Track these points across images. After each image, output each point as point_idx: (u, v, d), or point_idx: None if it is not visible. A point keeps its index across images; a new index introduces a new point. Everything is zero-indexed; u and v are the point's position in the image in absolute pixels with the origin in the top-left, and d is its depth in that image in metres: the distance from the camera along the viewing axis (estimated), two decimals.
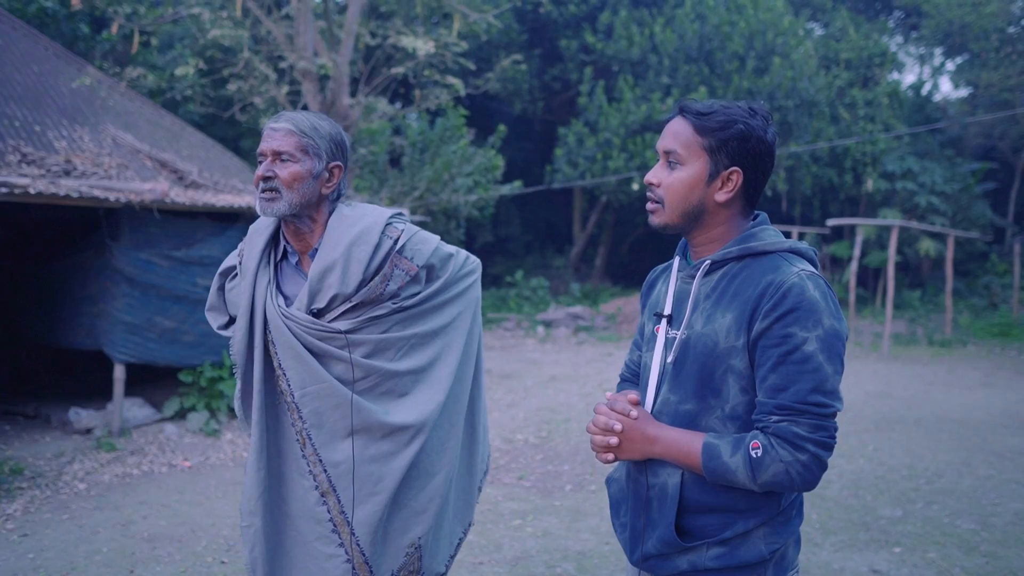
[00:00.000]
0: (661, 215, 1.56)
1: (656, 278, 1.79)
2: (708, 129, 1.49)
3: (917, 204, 18.43)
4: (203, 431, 6.83)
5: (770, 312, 1.42)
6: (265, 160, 1.88)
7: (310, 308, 1.88)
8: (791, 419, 1.40)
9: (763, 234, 1.55)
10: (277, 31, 11.07)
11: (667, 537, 1.53)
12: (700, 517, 1.52)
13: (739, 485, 1.44)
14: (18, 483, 5.32)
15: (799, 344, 1.40)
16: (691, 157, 1.51)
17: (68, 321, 7.39)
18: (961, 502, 4.97)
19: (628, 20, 18.14)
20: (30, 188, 5.80)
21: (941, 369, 10.84)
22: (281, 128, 1.87)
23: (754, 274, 1.49)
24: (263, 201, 1.88)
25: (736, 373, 1.48)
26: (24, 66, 8.79)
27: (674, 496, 1.52)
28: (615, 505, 1.72)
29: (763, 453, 1.40)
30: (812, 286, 1.44)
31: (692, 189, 1.52)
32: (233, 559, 4.08)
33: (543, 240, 23.45)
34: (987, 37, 19.57)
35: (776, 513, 1.51)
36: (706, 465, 1.43)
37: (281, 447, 1.97)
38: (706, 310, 1.52)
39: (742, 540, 1.50)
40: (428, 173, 14.77)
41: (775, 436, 1.41)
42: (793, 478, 1.41)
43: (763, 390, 1.44)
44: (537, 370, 10.32)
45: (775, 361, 1.42)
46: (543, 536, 4.38)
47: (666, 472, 1.54)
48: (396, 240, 1.95)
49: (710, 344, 1.50)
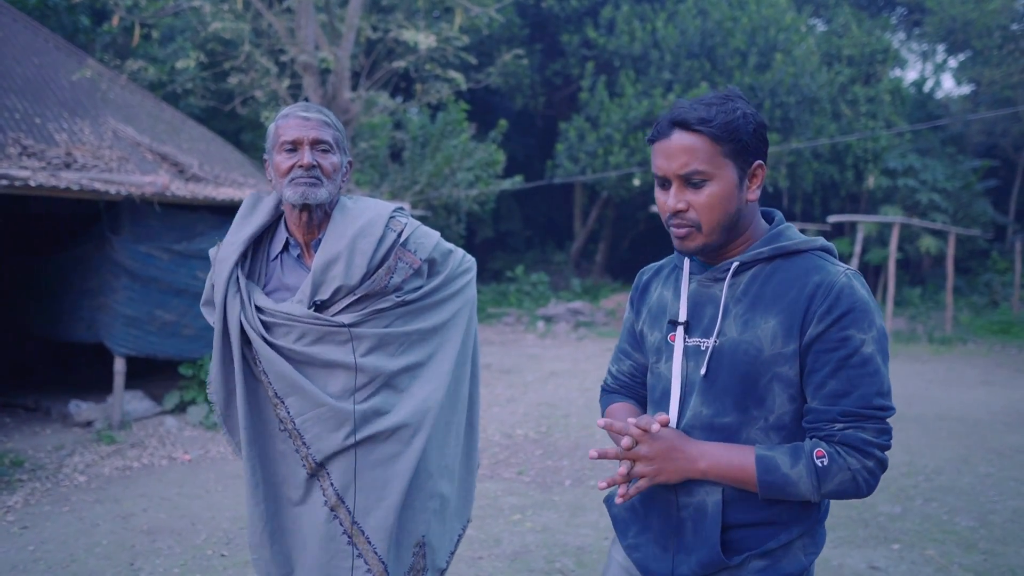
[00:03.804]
0: (697, 238, 1.43)
1: (650, 280, 1.67)
2: (723, 136, 1.39)
3: (918, 201, 18.42)
4: (203, 424, 6.83)
5: (825, 315, 1.35)
6: (301, 149, 1.85)
7: (312, 301, 1.87)
8: (857, 425, 1.34)
9: (789, 232, 1.48)
10: (278, 24, 11.05)
11: (711, 559, 1.43)
12: (740, 531, 1.44)
13: (797, 497, 1.36)
14: (18, 475, 5.33)
15: (858, 347, 1.34)
16: (717, 169, 1.39)
17: (68, 314, 7.39)
18: (960, 499, 4.97)
19: (630, 15, 18.10)
20: (30, 180, 5.80)
21: (941, 367, 10.84)
22: (315, 118, 1.86)
23: (792, 275, 1.41)
24: (305, 187, 1.84)
25: (784, 381, 1.40)
26: (24, 58, 8.77)
27: (715, 516, 1.43)
28: (622, 525, 1.62)
29: (830, 462, 1.33)
30: (859, 285, 1.39)
31: (729, 200, 1.41)
32: (233, 552, 4.09)
33: (544, 235, 23.45)
34: (990, 34, 19.54)
35: (815, 522, 1.47)
36: (762, 479, 1.34)
37: (280, 472, 1.93)
38: (740, 315, 1.43)
39: (784, 552, 1.44)
40: (429, 167, 14.76)
41: (842, 444, 1.34)
42: (860, 485, 1.36)
43: (821, 397, 1.37)
44: (537, 365, 10.32)
45: (834, 366, 1.35)
46: (542, 531, 4.39)
47: (703, 491, 1.44)
48: (400, 233, 1.95)
49: (752, 352, 1.40)
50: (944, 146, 20.39)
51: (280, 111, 1.93)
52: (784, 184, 18.25)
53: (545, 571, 3.84)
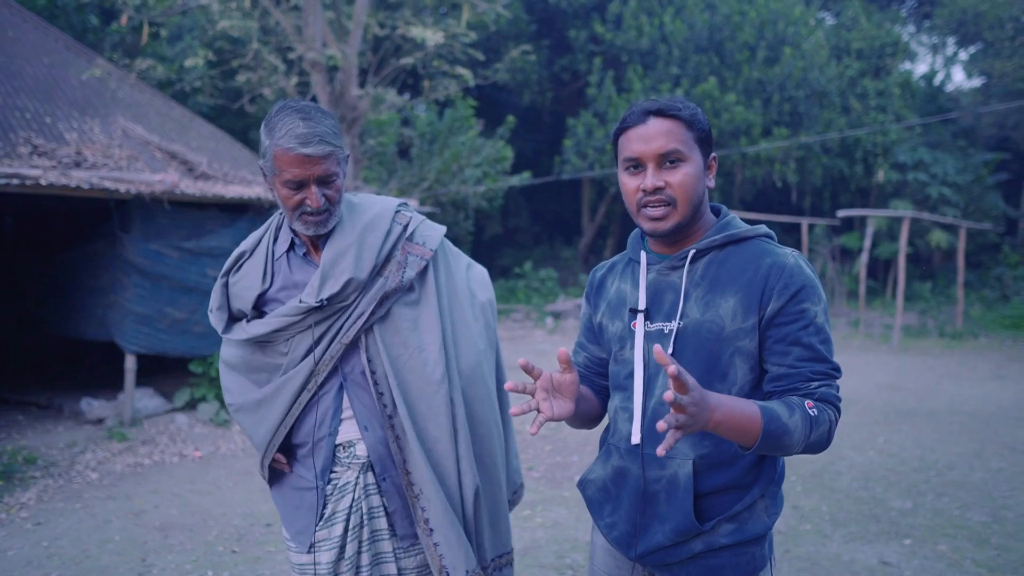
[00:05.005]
0: (674, 216, 1.55)
1: (604, 276, 1.79)
2: (693, 123, 1.55)
3: (929, 195, 18.30)
4: (213, 421, 6.87)
5: (783, 291, 1.51)
6: (308, 188, 1.76)
7: (320, 296, 1.86)
8: (827, 383, 1.50)
9: (736, 222, 1.63)
10: (286, 22, 11.07)
11: (684, 526, 1.55)
12: (709, 499, 1.56)
13: (785, 448, 1.45)
14: (32, 472, 5.37)
15: (813, 318, 1.51)
16: (690, 151, 1.55)
17: (80, 312, 7.43)
18: (972, 494, 4.95)
19: (637, 10, 18.03)
20: (41, 179, 5.83)
21: (952, 361, 10.78)
22: (317, 152, 1.73)
23: (744, 259, 1.56)
24: (314, 225, 1.81)
25: (744, 354, 1.53)
26: (34, 58, 8.82)
27: (687, 485, 1.55)
28: (596, 506, 1.73)
29: (818, 412, 1.46)
30: (805, 265, 1.55)
31: (699, 181, 1.57)
32: (244, 548, 4.11)
33: (552, 231, 23.44)
34: (1001, 26, 19.38)
35: (771, 483, 1.58)
36: (767, 428, 1.40)
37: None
38: (700, 298, 1.56)
39: (749, 513, 1.56)
40: (437, 164, 14.76)
41: (820, 400, 1.48)
42: (831, 435, 1.50)
43: (787, 362, 1.51)
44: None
45: (797, 334, 1.50)
46: (552, 527, 4.39)
47: (675, 463, 1.56)
48: (405, 227, 1.96)
49: (715, 329, 1.53)
50: (955, 139, 20.23)
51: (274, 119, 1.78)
52: (793, 179, 18.16)
53: (555, 567, 3.84)
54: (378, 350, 1.89)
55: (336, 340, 1.87)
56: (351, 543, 1.89)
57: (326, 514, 1.90)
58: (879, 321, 14.65)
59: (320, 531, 1.90)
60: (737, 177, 18.46)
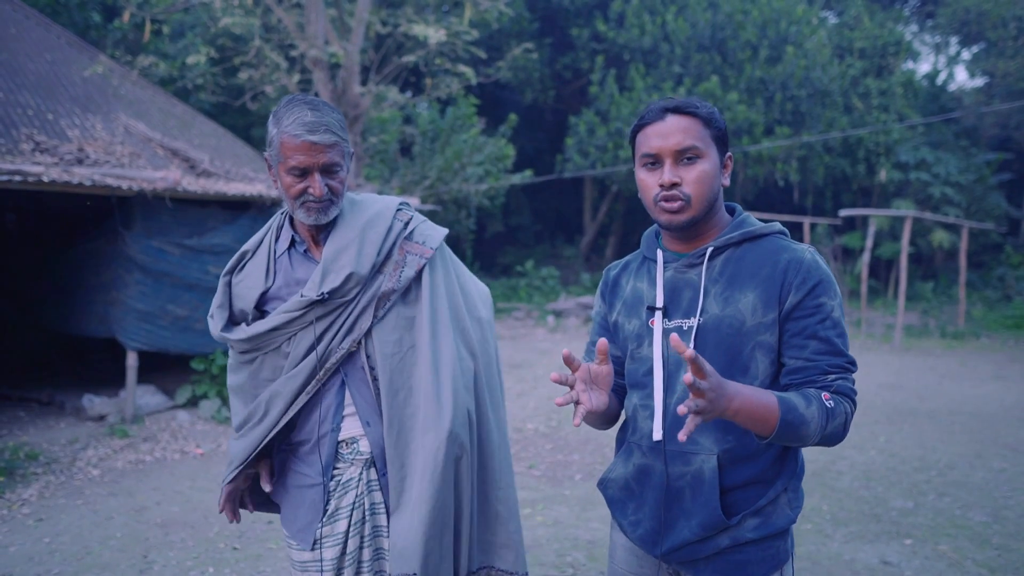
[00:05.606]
0: (688, 211, 1.57)
1: (619, 275, 1.81)
2: (710, 121, 1.58)
3: (931, 195, 18.27)
4: (215, 418, 6.87)
5: (801, 286, 1.53)
6: (311, 176, 1.79)
7: (321, 289, 1.87)
8: (843, 376, 1.52)
9: (751, 220, 1.66)
10: (288, 19, 11.06)
11: (712, 520, 1.56)
12: (735, 493, 1.58)
13: (802, 439, 1.46)
14: (33, 468, 5.38)
15: (830, 311, 1.54)
16: (707, 148, 1.57)
17: (81, 308, 7.44)
18: (973, 494, 4.94)
19: (640, 8, 18.01)
20: (43, 176, 5.83)
21: (953, 361, 10.77)
22: (323, 141, 1.76)
23: (761, 255, 1.58)
24: (318, 212, 1.82)
25: (765, 347, 1.55)
26: (36, 55, 8.82)
27: (713, 480, 1.56)
28: (619, 505, 1.73)
29: (835, 404, 1.48)
30: (821, 261, 1.58)
31: (714, 178, 1.59)
32: (245, 545, 4.11)
33: (553, 229, 23.43)
34: (1004, 25, 19.33)
35: (793, 476, 1.61)
36: (784, 418, 1.42)
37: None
38: (719, 294, 1.58)
39: (773, 507, 1.58)
40: (439, 162, 14.76)
41: (837, 392, 1.51)
42: (847, 427, 1.52)
43: (806, 355, 1.53)
44: (547, 360, 10.32)
45: (814, 328, 1.53)
46: (553, 525, 4.39)
47: (699, 459, 1.58)
48: (406, 224, 1.96)
49: (736, 324, 1.55)
50: (957, 139, 20.19)
51: (282, 110, 1.81)
52: (795, 178, 18.15)
53: (556, 565, 3.84)
54: (374, 347, 1.89)
55: (336, 340, 1.87)
56: (353, 539, 1.89)
57: (329, 510, 1.89)
58: (881, 321, 14.64)
59: (324, 527, 1.90)
60: (739, 176, 18.44)
